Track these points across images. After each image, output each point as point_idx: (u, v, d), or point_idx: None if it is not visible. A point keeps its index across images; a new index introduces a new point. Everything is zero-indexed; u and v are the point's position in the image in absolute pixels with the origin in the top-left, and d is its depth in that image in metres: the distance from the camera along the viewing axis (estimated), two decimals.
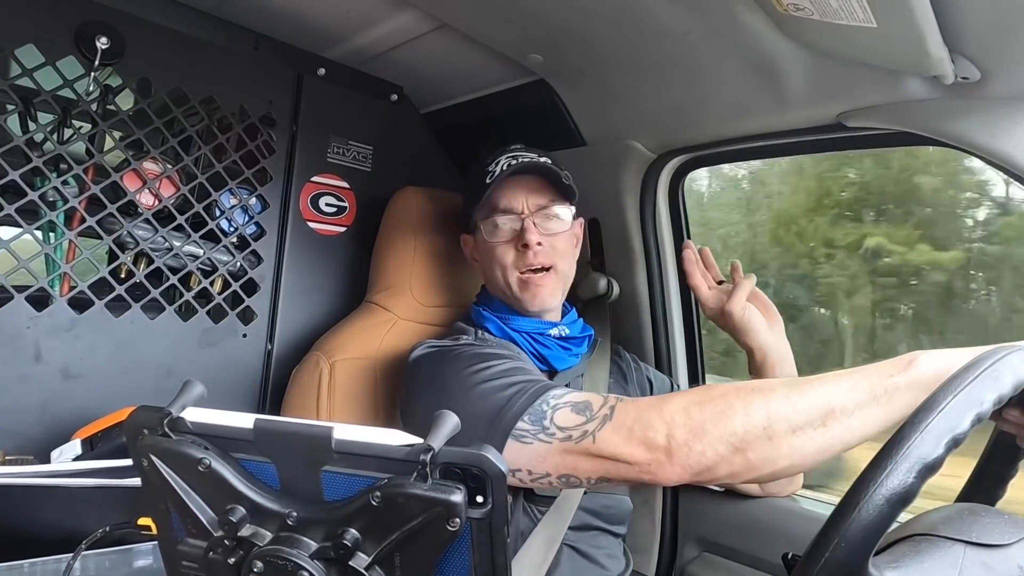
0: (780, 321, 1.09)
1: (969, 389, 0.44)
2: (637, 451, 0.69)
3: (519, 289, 1.01)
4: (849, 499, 0.42)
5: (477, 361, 0.86)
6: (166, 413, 0.46)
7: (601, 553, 1.02)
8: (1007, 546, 0.45)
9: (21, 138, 0.98)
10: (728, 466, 0.66)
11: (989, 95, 0.84)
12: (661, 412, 0.69)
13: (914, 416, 0.44)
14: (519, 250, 1.01)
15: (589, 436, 0.72)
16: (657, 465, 0.68)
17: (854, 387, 0.64)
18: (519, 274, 1.01)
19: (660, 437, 0.68)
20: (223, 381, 1.20)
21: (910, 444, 0.42)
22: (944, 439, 0.42)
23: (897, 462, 0.41)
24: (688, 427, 0.67)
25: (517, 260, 1.01)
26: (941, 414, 0.43)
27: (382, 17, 1.15)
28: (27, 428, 1.01)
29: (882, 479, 0.41)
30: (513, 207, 1.02)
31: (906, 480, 0.41)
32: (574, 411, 0.75)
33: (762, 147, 1.17)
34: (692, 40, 0.98)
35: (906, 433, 0.43)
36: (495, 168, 1.01)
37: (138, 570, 0.80)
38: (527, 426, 0.76)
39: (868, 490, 0.41)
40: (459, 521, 0.40)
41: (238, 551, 0.45)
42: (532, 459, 0.76)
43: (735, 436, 0.65)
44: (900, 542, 0.47)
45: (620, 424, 0.71)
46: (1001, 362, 0.47)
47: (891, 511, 0.41)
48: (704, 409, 0.68)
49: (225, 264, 1.19)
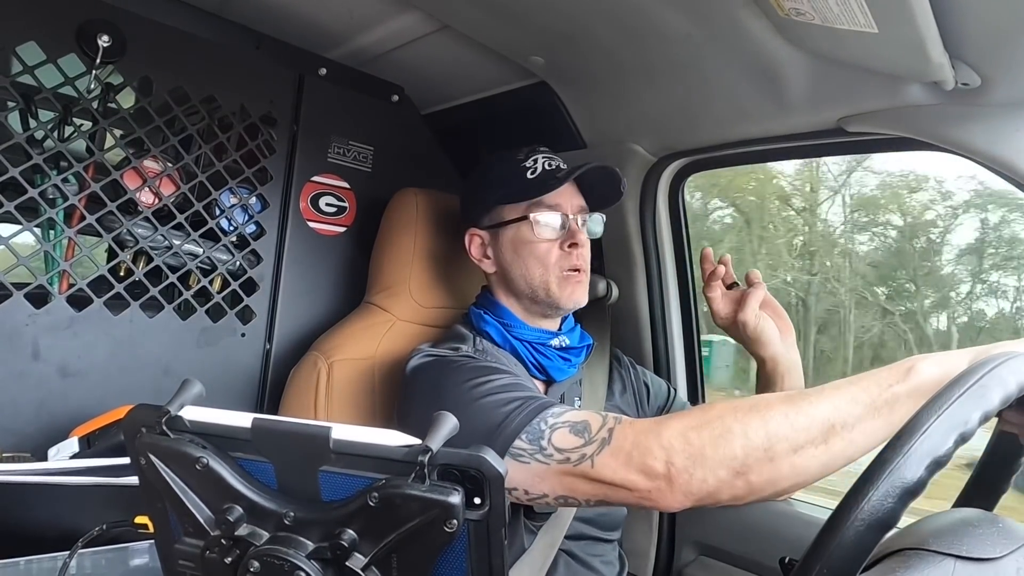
0: (792, 331, 1.06)
1: (952, 410, 0.44)
2: (636, 478, 0.68)
3: (558, 286, 1.00)
4: (835, 520, 0.42)
5: (475, 375, 0.85)
6: (164, 411, 0.46)
7: (596, 560, 1.02)
8: (998, 559, 0.44)
9: (22, 135, 0.98)
10: (730, 490, 0.65)
11: (989, 101, 0.84)
12: (659, 438, 0.68)
13: (896, 438, 0.44)
14: (564, 250, 1.00)
15: (587, 460, 0.71)
16: (658, 493, 0.67)
17: (854, 400, 0.63)
18: (561, 272, 1.00)
19: (659, 464, 0.67)
20: (221, 380, 1.20)
21: (893, 466, 0.42)
22: (925, 462, 0.42)
23: (878, 485, 0.41)
24: (687, 453, 0.66)
25: (561, 259, 1.00)
26: (923, 436, 0.43)
27: (383, 18, 1.15)
28: (24, 426, 1.01)
29: (863, 504, 0.41)
30: (562, 206, 1.01)
31: (884, 504, 0.41)
32: (572, 432, 0.74)
33: (762, 151, 1.17)
34: (693, 43, 0.98)
35: (887, 456, 0.43)
36: (535, 165, 1.00)
37: (134, 569, 0.80)
38: (525, 445, 0.74)
39: (851, 514, 0.41)
40: (456, 523, 0.40)
41: (235, 551, 0.45)
42: (529, 479, 0.75)
43: (735, 460, 0.64)
44: (890, 556, 0.46)
45: (618, 449, 0.70)
46: (989, 375, 0.46)
47: (873, 537, 0.41)
48: (702, 433, 0.66)
49: (224, 263, 1.19)
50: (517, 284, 1.03)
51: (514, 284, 1.03)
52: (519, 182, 1.00)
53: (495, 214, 1.05)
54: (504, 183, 1.02)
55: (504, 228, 1.03)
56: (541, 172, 1.00)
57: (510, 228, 1.02)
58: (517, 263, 1.02)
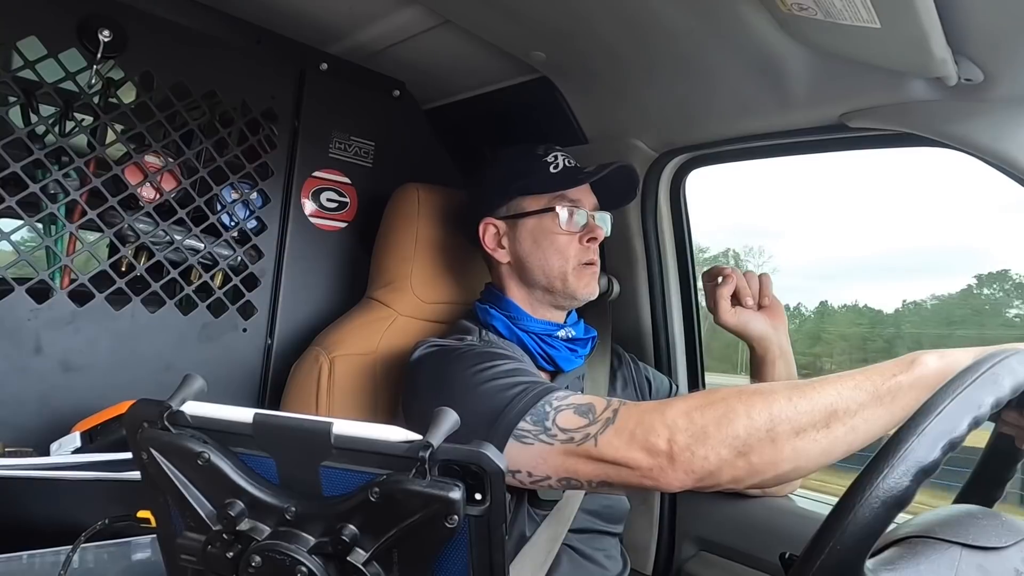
0: (784, 320, 1.10)
1: (967, 392, 0.44)
2: (639, 455, 0.68)
3: (575, 277, 1.03)
4: (845, 502, 0.42)
5: (481, 360, 0.86)
6: (166, 407, 0.46)
7: (600, 554, 1.02)
8: (1004, 548, 0.45)
9: (23, 130, 0.98)
10: (731, 470, 0.66)
11: (992, 97, 0.84)
12: (663, 416, 0.69)
13: (912, 420, 0.44)
14: (583, 244, 1.03)
15: (591, 439, 0.72)
16: (659, 471, 0.68)
17: (857, 388, 0.63)
18: (579, 263, 1.03)
19: (662, 442, 0.67)
20: (223, 375, 1.20)
21: (908, 447, 0.42)
22: (941, 443, 0.42)
23: (894, 465, 0.41)
24: (690, 431, 0.67)
25: (580, 252, 1.03)
26: (938, 417, 0.43)
27: (385, 13, 1.15)
28: (27, 420, 1.01)
29: (878, 482, 0.41)
30: (582, 202, 1.04)
31: (902, 483, 0.41)
32: (577, 413, 0.74)
33: (764, 147, 1.17)
34: (695, 39, 0.98)
35: (903, 436, 0.43)
36: (556, 161, 1.04)
37: (137, 563, 0.80)
38: (529, 426, 0.75)
39: (864, 493, 0.41)
40: (457, 518, 0.40)
41: (236, 545, 0.45)
42: (533, 460, 0.75)
43: (738, 439, 0.65)
44: (896, 544, 0.46)
45: (622, 428, 0.70)
46: (1000, 365, 0.47)
47: (887, 514, 0.41)
48: (706, 413, 0.67)
49: (226, 258, 1.19)
50: (533, 274, 1.04)
51: (529, 274, 1.05)
52: (542, 175, 1.03)
53: (514, 204, 1.06)
54: (525, 175, 1.05)
55: (524, 219, 1.05)
56: (563, 168, 1.03)
57: (531, 219, 1.04)
58: (536, 253, 1.04)
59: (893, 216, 10.71)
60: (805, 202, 14.74)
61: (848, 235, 11.57)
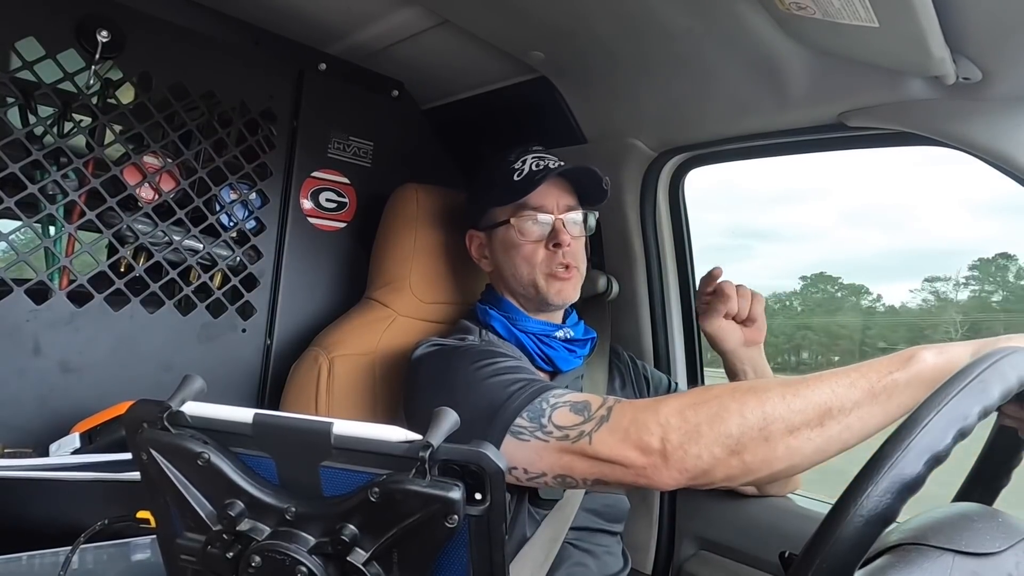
0: (761, 339, 1.11)
1: (952, 404, 0.44)
2: (632, 454, 0.68)
3: (545, 283, 1.02)
4: (835, 515, 0.42)
5: (482, 357, 0.86)
6: (166, 407, 0.46)
7: (601, 551, 1.02)
8: (997, 554, 0.44)
9: (21, 131, 0.98)
10: (725, 469, 0.66)
11: (990, 96, 0.84)
12: (657, 415, 0.69)
13: (897, 430, 0.44)
14: (549, 249, 1.02)
15: (585, 437, 0.72)
16: (653, 469, 0.68)
17: (852, 385, 0.63)
18: (548, 270, 1.02)
19: (655, 440, 0.67)
20: (222, 376, 1.20)
21: (892, 461, 0.42)
22: (950, 432, 0.42)
23: (878, 481, 0.41)
24: (683, 430, 0.67)
25: (547, 259, 1.02)
26: (922, 432, 0.43)
27: (383, 13, 1.15)
28: (26, 421, 1.01)
29: (862, 499, 0.41)
30: (546, 206, 1.02)
31: (883, 499, 0.41)
32: (572, 411, 0.75)
33: (763, 146, 1.17)
34: (694, 38, 0.98)
35: (887, 451, 0.43)
36: (523, 167, 1.02)
37: (136, 564, 0.80)
38: (525, 423, 0.76)
39: (851, 509, 0.41)
40: (457, 518, 0.40)
41: (236, 545, 0.45)
42: (529, 457, 0.75)
43: (731, 438, 0.65)
44: (888, 552, 0.46)
45: (616, 426, 0.70)
46: (989, 370, 0.46)
47: (873, 532, 0.41)
48: (699, 411, 0.67)
49: (225, 259, 1.19)
50: (510, 282, 1.06)
51: (508, 282, 1.06)
52: (506, 184, 1.02)
53: (489, 216, 1.07)
54: (494, 185, 1.05)
55: (496, 230, 1.06)
56: (527, 173, 1.01)
57: (500, 230, 1.05)
58: (508, 263, 1.05)
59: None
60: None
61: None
